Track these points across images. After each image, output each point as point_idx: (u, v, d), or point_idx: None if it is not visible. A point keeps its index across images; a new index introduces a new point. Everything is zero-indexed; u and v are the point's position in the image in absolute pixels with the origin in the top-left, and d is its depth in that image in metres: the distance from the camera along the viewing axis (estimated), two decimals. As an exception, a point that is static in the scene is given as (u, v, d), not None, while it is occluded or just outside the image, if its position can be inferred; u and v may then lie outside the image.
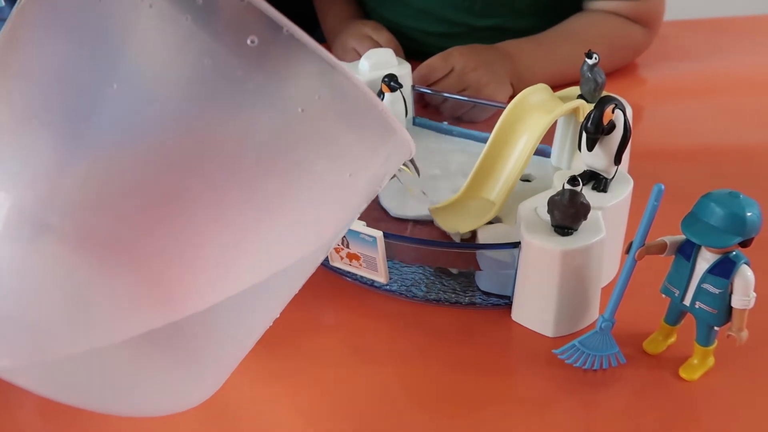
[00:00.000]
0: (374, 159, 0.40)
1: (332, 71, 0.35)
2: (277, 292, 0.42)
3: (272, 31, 0.33)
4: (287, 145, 0.36)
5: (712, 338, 0.50)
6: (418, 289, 0.58)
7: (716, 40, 1.06)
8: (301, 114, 0.36)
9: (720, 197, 0.46)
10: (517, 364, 0.53)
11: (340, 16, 1.03)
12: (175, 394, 0.42)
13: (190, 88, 0.35)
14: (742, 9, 1.28)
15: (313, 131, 0.36)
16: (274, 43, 0.34)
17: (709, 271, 0.47)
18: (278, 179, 0.37)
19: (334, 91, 0.36)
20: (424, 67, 0.83)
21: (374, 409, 0.49)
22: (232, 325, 0.41)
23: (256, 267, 0.39)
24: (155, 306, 0.36)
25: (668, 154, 0.78)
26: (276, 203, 0.37)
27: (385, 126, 0.38)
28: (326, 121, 0.36)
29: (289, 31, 0.33)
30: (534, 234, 0.52)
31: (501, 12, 0.97)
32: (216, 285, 0.38)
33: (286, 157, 0.36)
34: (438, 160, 0.73)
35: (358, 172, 0.39)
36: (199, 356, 0.41)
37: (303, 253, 0.41)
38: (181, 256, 0.36)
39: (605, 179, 0.56)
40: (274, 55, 0.34)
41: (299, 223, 0.39)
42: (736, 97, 0.91)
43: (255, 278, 0.39)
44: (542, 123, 0.62)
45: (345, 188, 0.39)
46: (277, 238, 0.38)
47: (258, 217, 0.37)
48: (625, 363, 0.51)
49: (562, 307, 0.53)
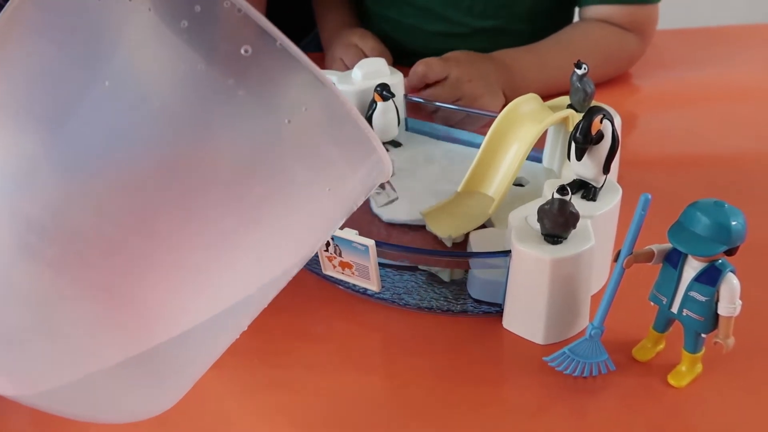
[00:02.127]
0: (354, 175, 0.40)
1: (321, 86, 0.36)
2: (251, 309, 0.43)
3: (266, 43, 0.34)
4: (272, 154, 0.37)
5: (700, 345, 0.50)
6: (410, 297, 0.59)
7: (708, 49, 1.07)
8: (287, 125, 0.37)
9: (705, 207, 0.47)
10: (508, 371, 0.53)
11: (334, 23, 1.04)
12: (147, 403, 0.43)
13: (182, 91, 0.36)
14: (734, 18, 1.29)
15: (298, 142, 0.37)
16: (267, 54, 0.35)
17: (695, 279, 0.48)
18: (261, 187, 0.37)
19: (321, 105, 0.37)
20: (422, 64, 0.83)
21: (366, 417, 0.49)
22: (205, 341, 0.42)
23: (233, 286, 0.40)
24: (131, 328, 0.37)
25: (658, 162, 0.79)
26: (257, 212, 0.38)
27: (367, 144, 0.39)
28: (311, 134, 0.37)
29: (283, 44, 0.34)
30: (524, 242, 0.52)
31: (500, 14, 0.99)
32: (193, 305, 0.39)
33: (270, 166, 0.37)
34: (430, 163, 0.74)
35: (337, 188, 0.40)
36: (172, 370, 0.42)
37: (280, 268, 0.42)
38: (161, 276, 0.37)
39: (594, 188, 0.56)
40: (266, 65, 0.35)
41: (278, 234, 0.39)
42: (726, 106, 0.91)
43: (231, 298, 0.40)
44: (532, 132, 0.63)
45: (324, 202, 0.40)
46: (256, 253, 0.39)
47: (238, 229, 0.38)
48: (614, 370, 0.51)
49: (552, 314, 0.53)
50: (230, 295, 0.40)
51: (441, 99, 0.82)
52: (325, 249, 0.56)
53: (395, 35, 1.01)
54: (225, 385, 0.51)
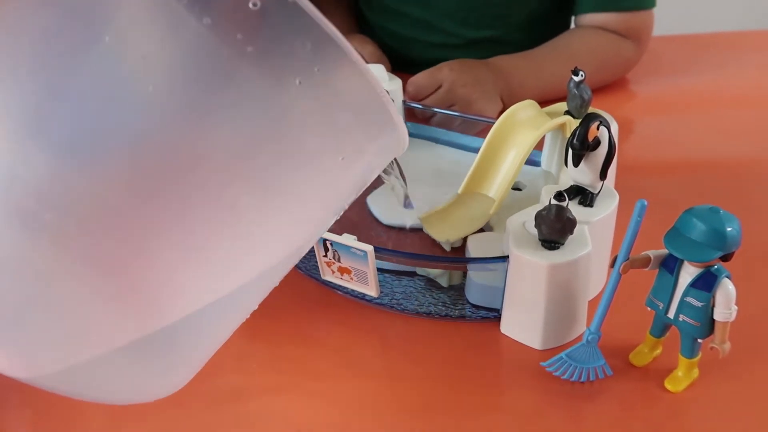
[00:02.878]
0: (369, 146, 0.38)
1: (334, 44, 0.33)
2: (263, 287, 0.41)
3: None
4: (282, 117, 0.35)
5: (696, 350, 0.51)
6: (408, 303, 0.59)
7: (703, 55, 1.08)
8: (298, 86, 0.34)
9: (701, 213, 0.47)
10: (506, 376, 0.54)
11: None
12: (156, 383, 0.42)
13: (187, 48, 0.34)
14: (729, 25, 1.30)
15: (309, 106, 0.35)
16: (277, 9, 0.32)
17: (691, 285, 0.48)
18: (268, 154, 0.35)
19: (334, 66, 0.34)
20: (411, 85, 0.85)
21: (365, 422, 0.49)
22: (215, 321, 0.40)
23: (243, 262, 0.38)
24: (141, 312, 0.36)
25: (655, 168, 0.79)
26: (265, 182, 0.36)
27: (384, 113, 0.37)
28: (323, 98, 0.35)
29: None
30: (522, 248, 0.53)
31: (495, 25, 1.00)
32: (202, 283, 0.37)
33: (278, 130, 0.35)
34: (428, 168, 0.74)
35: (350, 157, 0.38)
36: (181, 350, 0.40)
37: (292, 244, 0.39)
38: (168, 252, 0.35)
39: (591, 194, 0.57)
40: (275, 21, 0.33)
41: (289, 206, 0.37)
42: (722, 112, 0.92)
43: (242, 276, 0.38)
44: (530, 138, 0.63)
45: (336, 173, 0.38)
46: (266, 226, 0.37)
47: (246, 199, 0.35)
48: (611, 375, 0.51)
49: (549, 320, 0.54)
50: (241, 272, 0.38)
51: (435, 105, 0.83)
52: (323, 254, 0.56)
53: (394, 45, 1.02)
54: (223, 390, 0.51)
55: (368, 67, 0.35)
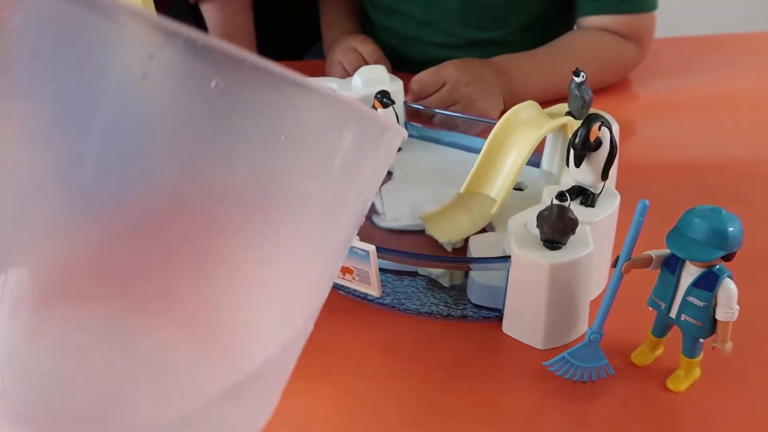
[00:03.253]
0: (367, 162, 0.39)
1: (305, 92, 0.34)
2: (316, 311, 0.44)
3: (234, 69, 0.31)
4: (280, 172, 0.36)
5: (698, 350, 0.51)
6: (410, 303, 0.59)
7: (705, 57, 1.08)
8: (284, 141, 0.35)
9: (703, 212, 0.47)
10: (508, 375, 0.54)
11: (338, 30, 1.05)
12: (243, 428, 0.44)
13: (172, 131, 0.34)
14: (731, 26, 1.30)
15: (302, 153, 0.36)
16: (239, 79, 0.32)
17: (693, 285, 0.48)
18: (280, 210, 0.36)
19: (314, 110, 0.35)
20: (416, 83, 0.85)
21: (366, 422, 0.50)
22: (290, 355, 0.43)
23: (304, 293, 0.40)
24: (228, 354, 0.38)
25: (656, 168, 0.79)
26: (284, 231, 0.37)
27: (375, 124, 0.37)
28: (312, 141, 0.36)
29: (252, 63, 0.31)
30: (523, 248, 0.53)
31: (496, 26, 1.00)
32: (274, 335, 0.39)
33: (281, 185, 0.36)
34: (430, 168, 0.74)
35: (355, 179, 0.39)
36: (265, 391, 0.43)
37: (334, 265, 0.42)
38: (248, 296, 0.38)
39: (593, 194, 0.57)
40: (239, 91, 0.32)
41: (314, 243, 0.39)
42: (723, 113, 0.92)
43: (305, 307, 0.40)
44: (531, 139, 0.63)
45: (346, 197, 0.39)
46: (314, 259, 0.39)
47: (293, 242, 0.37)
48: (613, 375, 0.51)
49: (551, 319, 0.54)
50: (303, 304, 0.40)
51: (438, 104, 0.83)
52: (326, 254, 0.56)
53: (397, 45, 1.03)
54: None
55: (346, 96, 0.37)
